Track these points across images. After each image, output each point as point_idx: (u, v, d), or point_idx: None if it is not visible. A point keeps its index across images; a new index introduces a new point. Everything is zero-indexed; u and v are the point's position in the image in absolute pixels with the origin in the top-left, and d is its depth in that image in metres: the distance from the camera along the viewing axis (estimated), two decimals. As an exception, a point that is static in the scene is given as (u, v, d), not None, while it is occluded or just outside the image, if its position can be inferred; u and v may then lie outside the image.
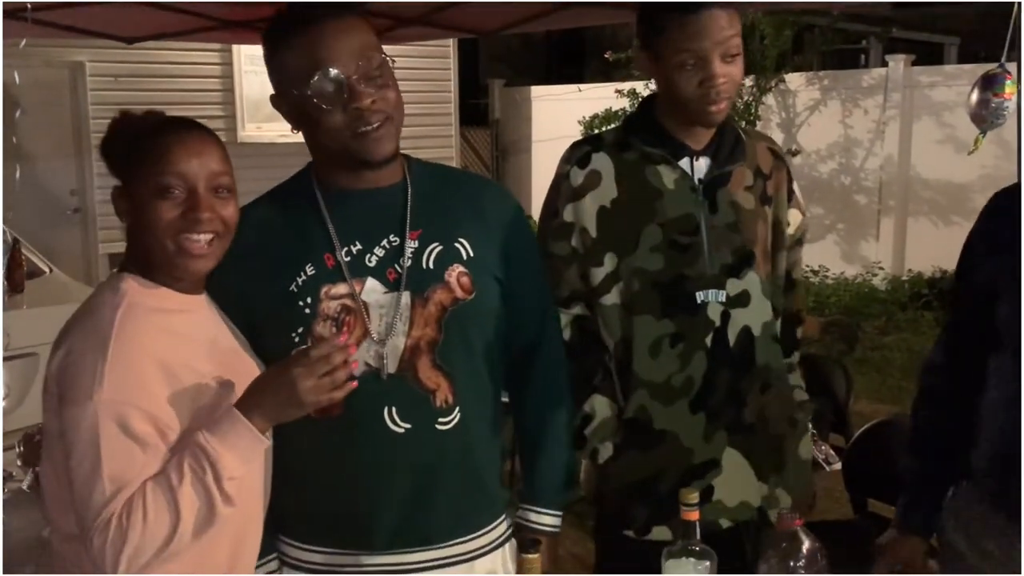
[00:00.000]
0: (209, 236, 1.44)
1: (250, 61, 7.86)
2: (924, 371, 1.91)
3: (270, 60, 1.63)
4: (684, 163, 1.88)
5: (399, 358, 1.60)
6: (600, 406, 1.92)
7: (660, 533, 1.88)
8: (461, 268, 1.64)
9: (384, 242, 1.63)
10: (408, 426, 1.60)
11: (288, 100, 1.60)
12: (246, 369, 1.51)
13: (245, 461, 1.36)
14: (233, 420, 1.35)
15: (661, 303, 1.86)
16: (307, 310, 1.58)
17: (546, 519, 1.77)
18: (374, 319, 1.59)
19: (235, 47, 7.50)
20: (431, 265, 1.63)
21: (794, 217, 2.01)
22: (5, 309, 3.55)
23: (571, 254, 1.91)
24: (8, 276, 3.80)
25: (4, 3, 1.99)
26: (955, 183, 8.23)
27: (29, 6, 2.13)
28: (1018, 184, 1.77)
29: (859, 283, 8.58)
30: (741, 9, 1.88)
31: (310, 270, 1.60)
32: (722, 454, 1.90)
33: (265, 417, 1.37)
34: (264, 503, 1.59)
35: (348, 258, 1.61)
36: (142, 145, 1.43)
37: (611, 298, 1.89)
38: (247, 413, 1.35)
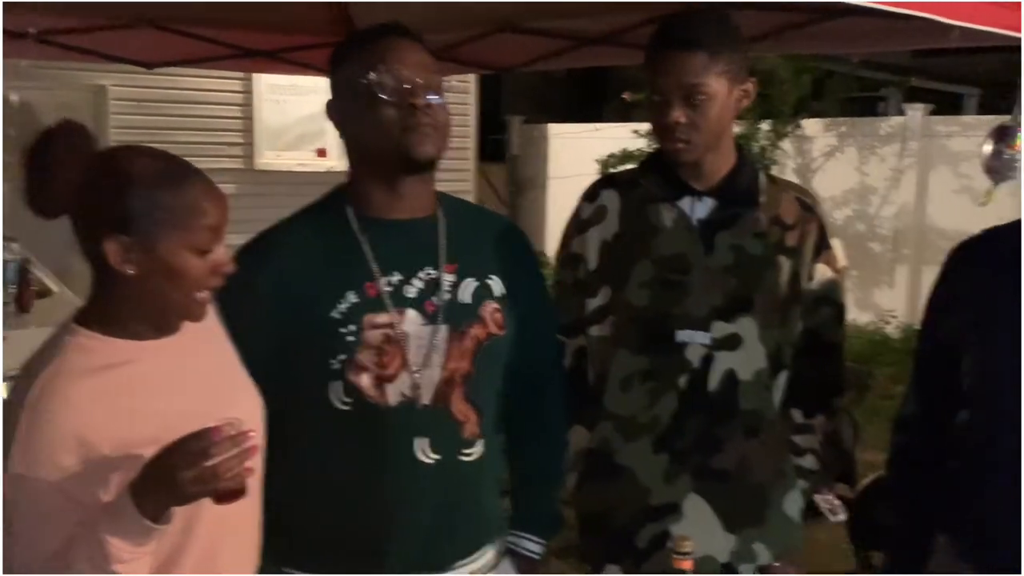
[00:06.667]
0: None
1: (270, 90, 7.90)
2: (896, 428, 1.84)
3: (338, 67, 1.67)
4: (684, 203, 1.88)
5: (434, 390, 1.62)
6: (577, 437, 1.94)
7: (611, 571, 1.88)
8: (494, 304, 1.69)
9: (421, 274, 1.65)
10: (437, 457, 1.63)
11: (346, 98, 1.64)
12: (222, 403, 1.41)
13: (136, 545, 1.29)
14: (123, 506, 1.29)
15: (640, 339, 1.87)
16: (350, 337, 1.59)
17: (538, 547, 1.82)
18: (412, 350, 1.61)
19: (255, 75, 7.56)
20: (468, 300, 1.67)
21: (820, 272, 1.92)
22: (13, 328, 3.56)
23: (574, 284, 1.95)
24: (18, 296, 3.82)
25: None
26: (971, 233, 8.13)
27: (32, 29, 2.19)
28: (981, 235, 1.75)
29: (872, 331, 8.52)
30: (762, 52, 1.88)
31: (352, 297, 1.60)
32: (684, 499, 1.86)
33: (155, 503, 1.28)
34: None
35: (389, 288, 1.62)
36: None
37: (598, 330, 1.92)
38: (138, 498, 1.28)
